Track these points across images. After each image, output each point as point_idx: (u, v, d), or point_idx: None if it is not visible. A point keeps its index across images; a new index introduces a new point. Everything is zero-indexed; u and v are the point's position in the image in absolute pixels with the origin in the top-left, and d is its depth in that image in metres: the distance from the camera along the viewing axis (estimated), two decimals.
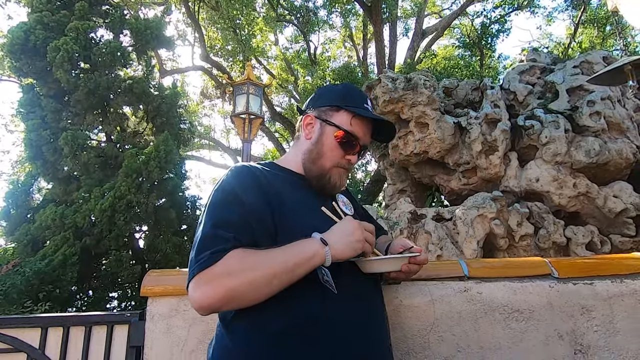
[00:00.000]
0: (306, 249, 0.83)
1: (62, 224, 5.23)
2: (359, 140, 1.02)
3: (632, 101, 4.11)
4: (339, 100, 1.03)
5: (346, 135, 1.00)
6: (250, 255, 0.80)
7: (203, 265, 0.78)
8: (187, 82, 15.42)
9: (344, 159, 1.01)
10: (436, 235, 3.78)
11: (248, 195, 0.87)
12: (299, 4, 11.55)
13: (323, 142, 1.01)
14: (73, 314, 2.60)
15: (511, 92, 4.51)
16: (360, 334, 0.87)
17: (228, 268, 0.77)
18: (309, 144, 1.04)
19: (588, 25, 12.21)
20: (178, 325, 1.29)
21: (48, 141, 5.69)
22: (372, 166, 11.93)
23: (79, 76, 5.93)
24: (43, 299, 4.46)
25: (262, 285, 0.78)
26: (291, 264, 0.80)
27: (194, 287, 0.78)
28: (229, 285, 0.77)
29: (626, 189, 3.73)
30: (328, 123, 1.02)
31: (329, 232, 0.87)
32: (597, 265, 1.34)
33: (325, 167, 1.00)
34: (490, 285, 1.27)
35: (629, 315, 1.22)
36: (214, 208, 0.87)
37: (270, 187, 0.91)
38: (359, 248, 0.87)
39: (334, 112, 1.02)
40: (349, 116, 1.01)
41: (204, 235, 0.82)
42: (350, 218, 0.92)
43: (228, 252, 0.79)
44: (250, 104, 5.23)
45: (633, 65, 2.57)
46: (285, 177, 1.00)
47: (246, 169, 0.96)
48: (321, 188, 1.01)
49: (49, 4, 6.12)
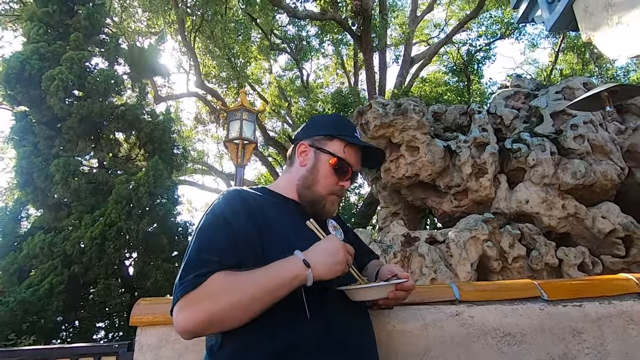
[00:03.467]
0: (287, 269, 0.83)
1: (51, 252, 5.11)
2: (351, 167, 1.06)
3: (613, 125, 4.26)
4: (332, 130, 1.09)
5: (340, 162, 1.04)
6: (231, 277, 0.80)
7: (186, 289, 0.78)
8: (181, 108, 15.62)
9: (338, 185, 1.05)
10: (430, 258, 3.78)
11: (237, 219, 0.89)
12: (292, 33, 11.94)
13: (318, 169, 1.05)
14: (57, 346, 2.50)
15: (498, 117, 4.65)
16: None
17: (209, 291, 0.78)
18: (304, 170, 1.07)
19: (568, 52, 12.76)
20: (167, 355, 1.26)
21: (39, 168, 5.66)
22: (365, 189, 11.99)
23: (72, 104, 5.98)
24: (27, 330, 4.30)
25: (243, 308, 0.78)
26: (272, 286, 0.80)
27: (177, 311, 0.79)
28: (210, 308, 0.77)
29: (613, 210, 3.79)
30: (323, 151, 1.06)
31: (311, 251, 0.88)
32: (585, 287, 1.36)
33: (320, 193, 1.03)
34: (482, 309, 1.28)
35: (619, 337, 1.23)
36: (201, 232, 0.89)
37: (260, 212, 0.93)
38: (340, 271, 0.87)
39: (327, 141, 1.08)
40: (342, 144, 1.06)
41: (189, 259, 0.83)
42: (333, 236, 0.93)
43: (211, 276, 0.79)
44: (244, 129, 5.29)
45: (609, 92, 2.69)
46: (277, 202, 1.02)
47: (237, 193, 0.98)
48: (314, 213, 1.03)
49: (46, 35, 6.26)
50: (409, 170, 4.62)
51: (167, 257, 6.12)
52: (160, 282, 5.74)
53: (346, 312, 0.92)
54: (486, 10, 12.02)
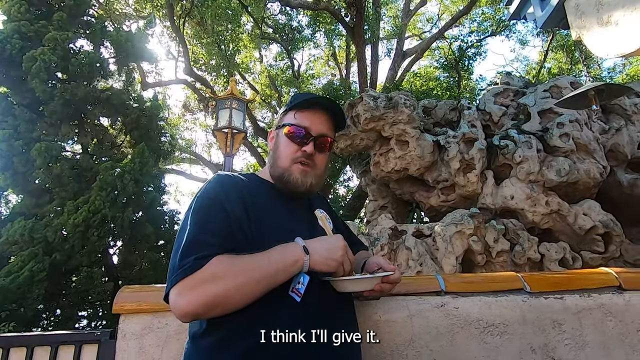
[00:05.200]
0: (288, 255, 0.84)
1: (31, 239, 4.99)
2: (306, 128, 1.04)
3: (597, 124, 4.35)
4: (287, 106, 1.11)
5: (292, 128, 1.04)
6: (234, 260, 0.80)
7: (187, 272, 0.77)
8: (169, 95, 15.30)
9: (300, 152, 1.03)
10: (416, 251, 3.83)
11: (231, 203, 0.89)
12: (283, 22, 11.77)
13: (278, 145, 1.07)
14: (38, 333, 2.45)
15: (487, 113, 4.70)
16: (328, 350, 0.86)
17: (213, 274, 0.77)
18: (271, 153, 1.10)
19: (558, 51, 12.93)
20: (151, 343, 1.24)
21: (20, 152, 5.49)
22: (354, 182, 12.04)
23: (55, 86, 5.79)
24: (6, 318, 4.21)
25: (246, 291, 0.79)
26: (273, 270, 0.81)
27: (177, 294, 0.77)
28: (214, 291, 0.76)
29: (594, 207, 3.90)
30: (279, 127, 1.09)
31: (314, 241, 0.90)
32: (566, 280, 1.39)
33: (284, 165, 1.03)
34: (467, 300, 1.30)
35: (597, 329, 1.26)
36: (198, 214, 0.87)
37: (250, 197, 0.94)
38: (333, 267, 0.89)
39: (283, 117, 1.10)
40: (293, 112, 1.07)
41: (189, 241, 0.82)
42: (341, 237, 0.95)
43: (212, 258, 0.79)
44: (233, 118, 5.21)
45: (596, 91, 2.74)
46: (264, 187, 1.04)
47: (228, 177, 0.98)
48: (284, 187, 1.03)
49: (27, 14, 6.01)
50: (398, 164, 4.64)
51: (152, 246, 6.04)
52: (145, 270, 5.68)
53: (331, 302, 0.93)
54: (479, 7, 12.06)
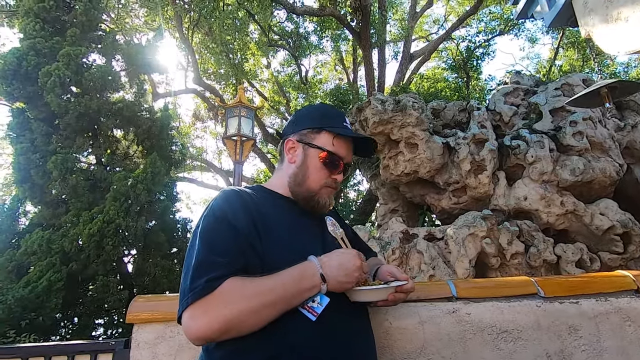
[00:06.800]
0: (304, 283, 0.83)
1: (49, 249, 5.11)
2: (342, 159, 1.03)
3: (612, 121, 4.25)
4: (318, 122, 1.06)
5: (330, 155, 1.02)
6: (247, 283, 0.79)
7: (199, 294, 0.76)
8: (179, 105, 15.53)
9: (330, 178, 1.03)
10: (428, 255, 3.78)
11: (239, 220, 0.87)
12: (290, 29, 11.87)
13: (308, 165, 1.03)
14: (55, 343, 2.51)
15: (497, 113, 4.64)
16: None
17: (225, 297, 0.76)
18: (293, 167, 1.05)
19: (569, 48, 12.72)
20: (164, 352, 1.26)
21: (37, 164, 5.64)
22: (364, 186, 11.98)
23: (69, 100, 5.95)
24: (26, 328, 4.30)
25: (260, 315, 0.77)
26: (289, 295, 0.80)
27: (189, 317, 0.76)
28: (227, 315, 0.75)
29: (612, 207, 3.80)
30: (311, 145, 1.03)
31: (331, 262, 0.88)
32: (582, 284, 1.36)
33: (313, 189, 1.01)
34: (479, 306, 1.28)
35: (615, 334, 1.23)
36: (206, 234, 0.86)
37: (258, 211, 0.92)
38: (348, 288, 0.89)
39: (315, 135, 1.04)
40: (331, 137, 1.03)
41: (198, 262, 0.80)
42: (356, 253, 0.92)
43: (224, 280, 0.77)
44: (242, 126, 5.27)
45: (609, 88, 2.68)
46: (273, 200, 1.01)
47: (235, 193, 0.96)
48: (311, 209, 1.02)
49: (42, 31, 6.20)
50: (408, 167, 4.61)
51: (165, 254, 6.11)
52: (159, 278, 5.75)
53: (347, 313, 0.92)
54: (485, 7, 11.96)
